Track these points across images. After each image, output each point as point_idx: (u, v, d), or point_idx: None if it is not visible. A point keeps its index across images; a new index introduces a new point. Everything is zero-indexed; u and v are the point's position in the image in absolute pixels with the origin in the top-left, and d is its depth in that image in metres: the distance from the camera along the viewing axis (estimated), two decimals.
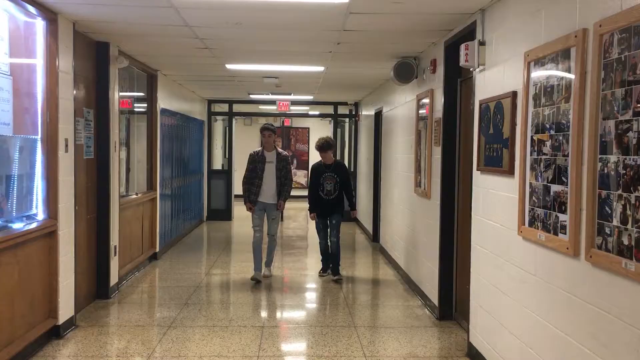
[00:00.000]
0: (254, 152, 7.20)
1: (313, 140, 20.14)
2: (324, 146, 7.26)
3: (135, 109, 7.99)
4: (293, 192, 7.80)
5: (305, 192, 8.76)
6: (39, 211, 4.81)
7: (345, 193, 7.34)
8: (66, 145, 5.02)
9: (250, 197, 7.06)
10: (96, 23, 5.35)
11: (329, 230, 7.36)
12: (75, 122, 5.30)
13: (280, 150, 7.27)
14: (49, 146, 4.83)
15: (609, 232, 2.62)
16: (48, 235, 4.81)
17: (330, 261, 7.37)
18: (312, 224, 7.96)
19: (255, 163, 7.06)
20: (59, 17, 4.86)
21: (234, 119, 13.79)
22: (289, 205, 8.70)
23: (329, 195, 7.24)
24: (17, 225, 4.46)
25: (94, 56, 6.09)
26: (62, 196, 4.94)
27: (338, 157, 14.52)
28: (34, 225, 4.62)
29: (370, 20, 5.01)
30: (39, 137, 4.79)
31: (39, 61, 4.79)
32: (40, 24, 4.77)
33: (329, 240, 7.39)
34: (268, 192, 7.06)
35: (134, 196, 7.55)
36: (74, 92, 5.28)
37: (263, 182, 7.04)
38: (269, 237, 7.30)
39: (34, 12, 4.56)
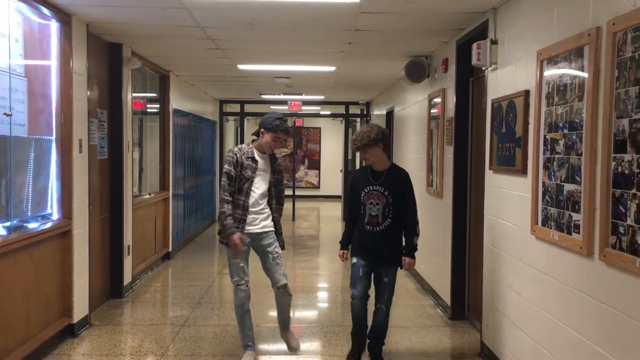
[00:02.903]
0: (236, 151, 4.36)
1: (324, 140, 20.31)
2: (365, 142, 4.15)
3: (148, 110, 8.04)
4: (303, 192, 6.25)
5: (316, 192, 7.79)
6: (54, 211, 4.86)
7: (405, 226, 4.24)
8: (80, 146, 5.07)
9: (236, 225, 4.30)
10: (109, 25, 5.39)
11: (372, 283, 4.33)
12: (89, 123, 5.35)
13: (276, 155, 4.60)
14: (64, 147, 4.87)
15: (623, 232, 2.61)
16: (63, 235, 4.86)
17: (369, 339, 4.41)
18: (327, 223, 6.62)
19: (240, 170, 4.31)
20: (73, 18, 4.91)
21: (245, 119, 13.82)
22: (298, 205, 7.81)
23: (373, 224, 4.18)
24: (33, 225, 4.51)
25: (107, 57, 6.14)
26: (77, 196, 4.98)
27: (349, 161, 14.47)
28: (48, 225, 4.67)
29: (382, 19, 5.01)
30: (53, 137, 4.84)
31: (53, 63, 4.84)
32: (54, 26, 4.82)
33: (375, 305, 4.34)
34: (259, 216, 4.39)
35: (147, 196, 7.60)
36: (88, 93, 5.33)
37: (251, 202, 4.32)
38: (279, 291, 4.45)
39: (48, 14, 4.61)
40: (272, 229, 4.44)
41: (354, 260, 4.30)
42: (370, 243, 4.21)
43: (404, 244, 4.29)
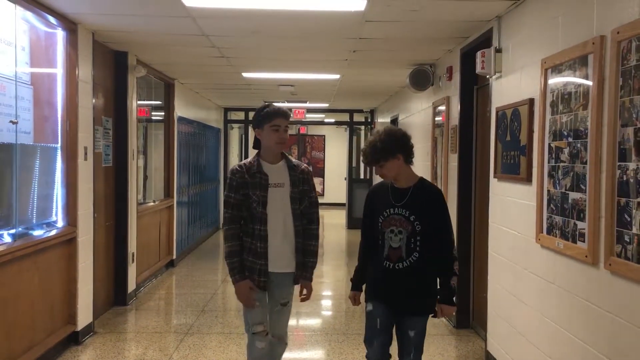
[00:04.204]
0: (237, 169, 3.38)
1: (329, 148, 20.32)
2: (377, 155, 3.14)
3: (153, 117, 8.06)
4: None
5: (320, 200, 7.67)
6: (59, 218, 4.87)
7: (438, 262, 3.15)
8: (85, 153, 5.09)
9: (246, 267, 3.36)
10: (115, 33, 5.42)
11: (395, 338, 3.26)
12: (94, 131, 5.37)
13: (294, 160, 3.49)
14: (69, 154, 4.89)
15: (628, 240, 2.60)
16: (67, 242, 4.87)
17: None
18: (331, 231, 5.70)
19: (246, 190, 3.32)
20: (79, 27, 4.94)
21: (250, 127, 13.83)
22: None
23: (395, 260, 3.12)
24: (37, 232, 4.52)
25: (113, 65, 6.17)
26: (81, 203, 5.00)
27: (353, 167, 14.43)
28: (53, 232, 4.68)
29: (386, 28, 5.02)
30: (58, 145, 4.86)
31: (59, 70, 4.86)
32: (60, 34, 4.85)
33: None
34: (278, 250, 3.36)
35: (152, 203, 7.61)
36: (93, 100, 5.35)
37: (271, 230, 3.34)
38: (272, 338, 3.51)
39: (55, 23, 4.64)
40: (291, 270, 3.39)
41: (370, 307, 3.22)
42: (391, 285, 3.12)
43: (429, 282, 3.18)
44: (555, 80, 3.38)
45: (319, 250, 3.57)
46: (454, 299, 3.17)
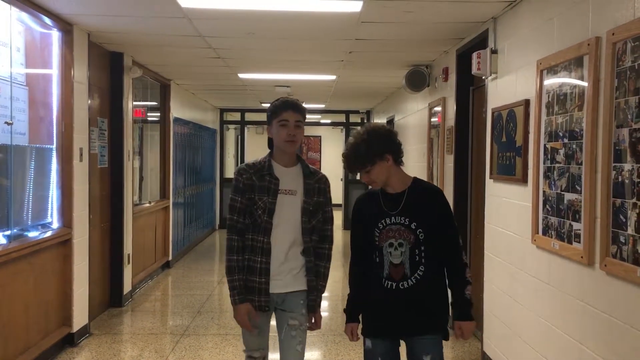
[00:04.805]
0: (244, 169, 2.93)
1: (325, 149, 20.33)
2: (359, 161, 2.68)
3: (149, 118, 8.05)
4: None
5: None
6: (54, 220, 4.86)
7: (448, 272, 2.75)
8: (81, 155, 5.07)
9: (248, 287, 2.89)
10: (111, 34, 5.41)
11: None
12: (89, 132, 5.36)
13: (311, 166, 3.04)
14: (64, 155, 4.88)
15: (623, 241, 2.60)
16: (63, 244, 4.85)
17: None
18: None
19: (252, 193, 2.87)
20: (74, 28, 4.93)
21: (246, 128, 13.85)
22: None
23: (398, 278, 2.67)
24: (33, 234, 4.51)
25: (108, 66, 6.15)
26: (77, 205, 4.98)
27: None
28: (49, 233, 4.67)
29: (382, 29, 5.02)
30: (54, 146, 4.85)
31: (54, 71, 4.85)
32: (55, 35, 4.84)
33: None
34: (281, 268, 2.91)
35: (147, 205, 7.59)
36: (89, 101, 5.34)
37: (275, 243, 2.89)
38: None
39: (50, 24, 4.62)
40: (304, 287, 2.92)
41: (368, 344, 2.73)
42: (395, 308, 2.64)
43: (441, 297, 2.73)
44: (550, 82, 3.39)
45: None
46: (472, 311, 2.72)
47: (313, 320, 3.01)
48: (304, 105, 2.96)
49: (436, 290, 2.70)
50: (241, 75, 7.86)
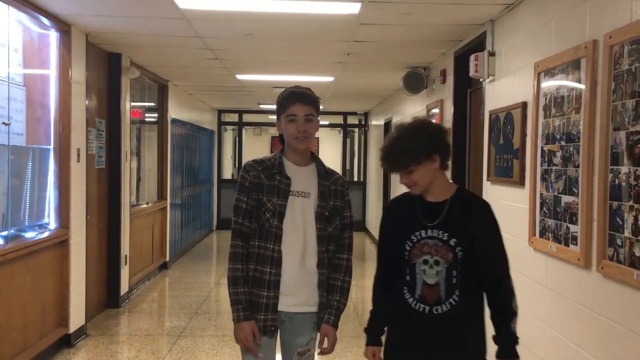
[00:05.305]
0: (252, 166, 2.58)
1: (322, 150, 20.29)
2: (402, 158, 2.26)
3: (146, 119, 8.05)
4: None
5: None
6: (51, 220, 4.85)
7: (490, 300, 2.31)
8: (78, 155, 5.07)
9: (252, 302, 2.52)
10: (109, 34, 5.41)
11: None
12: (87, 132, 5.35)
13: (328, 166, 2.66)
14: (61, 156, 4.87)
15: (620, 244, 2.61)
16: (60, 244, 4.85)
17: None
18: None
19: (259, 194, 2.52)
20: (72, 28, 4.92)
21: (243, 129, 13.85)
22: None
23: (432, 302, 2.26)
24: (30, 234, 4.50)
25: (106, 67, 6.15)
26: (74, 205, 4.98)
27: (347, 169, 14.42)
28: (46, 234, 4.66)
29: (380, 31, 5.03)
30: (51, 147, 4.84)
31: (52, 72, 4.85)
32: (53, 36, 4.83)
33: None
34: (293, 281, 2.52)
35: (145, 205, 7.59)
36: (87, 102, 5.34)
37: (287, 251, 2.51)
38: None
39: (48, 24, 4.62)
40: (314, 308, 2.53)
41: None
42: (427, 337, 2.28)
43: (479, 328, 2.32)
44: (548, 84, 3.40)
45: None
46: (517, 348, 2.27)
47: (325, 342, 2.52)
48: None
49: (474, 319, 2.29)
50: (239, 77, 7.87)
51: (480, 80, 4.68)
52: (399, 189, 9.26)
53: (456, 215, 2.28)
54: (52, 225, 4.85)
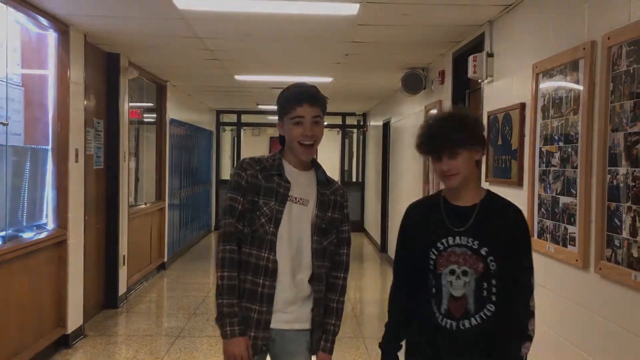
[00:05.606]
0: (249, 164, 2.29)
1: (321, 151, 20.07)
2: (458, 130, 2.00)
3: (145, 119, 8.04)
4: None
5: None
6: (49, 221, 4.84)
7: (508, 311, 2.04)
8: (76, 155, 5.06)
9: (244, 315, 2.25)
10: (107, 35, 5.41)
11: None
12: (85, 133, 5.35)
13: (328, 176, 2.41)
14: (60, 156, 4.86)
15: (618, 244, 2.61)
16: (58, 245, 4.84)
17: None
18: None
19: (257, 196, 2.26)
20: (71, 29, 4.92)
21: (242, 130, 13.84)
22: None
23: (459, 316, 2.04)
24: (28, 235, 4.50)
25: (105, 67, 6.15)
26: (72, 206, 4.97)
27: (345, 170, 14.43)
28: (44, 234, 4.66)
29: (379, 32, 5.03)
30: (49, 147, 4.84)
31: (50, 72, 4.84)
32: (52, 36, 4.83)
33: None
34: (286, 294, 2.27)
35: (143, 206, 7.58)
36: (85, 102, 5.33)
37: (282, 261, 2.26)
38: None
39: (46, 24, 4.62)
40: (307, 326, 2.32)
41: None
42: (452, 356, 2.06)
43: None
44: (546, 85, 3.40)
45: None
46: None
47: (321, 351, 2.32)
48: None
49: (504, 341, 2.05)
50: (237, 77, 7.86)
51: (479, 81, 4.68)
52: (398, 189, 9.25)
53: (487, 221, 2.04)
54: (50, 225, 4.84)
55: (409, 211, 2.20)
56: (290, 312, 2.27)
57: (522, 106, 3.76)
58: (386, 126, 10.02)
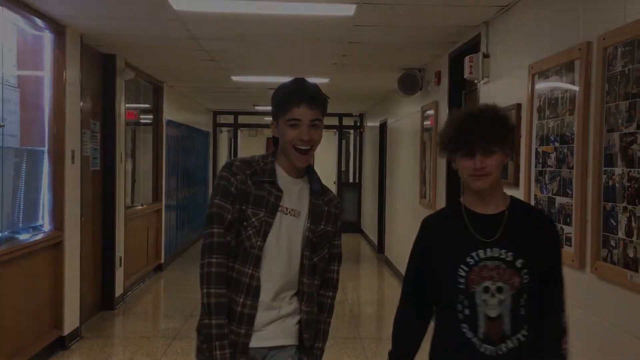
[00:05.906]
0: (238, 167, 2.02)
1: (317, 152, 20.12)
2: (500, 125, 1.81)
3: (141, 120, 8.03)
4: None
5: None
6: (46, 222, 4.83)
7: (546, 331, 1.83)
8: (72, 157, 5.05)
9: (230, 332, 1.98)
10: (103, 36, 5.40)
11: None
12: (81, 134, 5.34)
13: (323, 184, 2.15)
14: (56, 157, 4.86)
15: (614, 245, 2.62)
16: (54, 246, 4.83)
17: None
18: None
19: (245, 204, 1.99)
20: (67, 30, 4.91)
21: (239, 131, 13.83)
22: None
23: (496, 339, 1.78)
24: (24, 236, 4.49)
25: (101, 68, 6.14)
26: (69, 207, 4.96)
27: (340, 171, 14.45)
28: (40, 236, 4.65)
29: (375, 32, 5.04)
30: (45, 148, 4.82)
31: (46, 73, 4.83)
32: (48, 37, 4.82)
33: None
34: (272, 314, 2.04)
35: (140, 207, 7.57)
36: (81, 104, 5.32)
37: (265, 278, 2.01)
38: None
39: (42, 25, 4.61)
40: (294, 342, 2.08)
41: None
42: None
43: None
44: (542, 86, 3.41)
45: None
46: None
47: None
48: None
49: None
50: (234, 78, 7.86)
51: (475, 81, 4.69)
52: (395, 190, 9.23)
53: (519, 230, 1.83)
54: (47, 227, 4.83)
55: (427, 223, 1.96)
56: (272, 329, 2.03)
57: (518, 107, 3.77)
58: (383, 127, 10.03)
